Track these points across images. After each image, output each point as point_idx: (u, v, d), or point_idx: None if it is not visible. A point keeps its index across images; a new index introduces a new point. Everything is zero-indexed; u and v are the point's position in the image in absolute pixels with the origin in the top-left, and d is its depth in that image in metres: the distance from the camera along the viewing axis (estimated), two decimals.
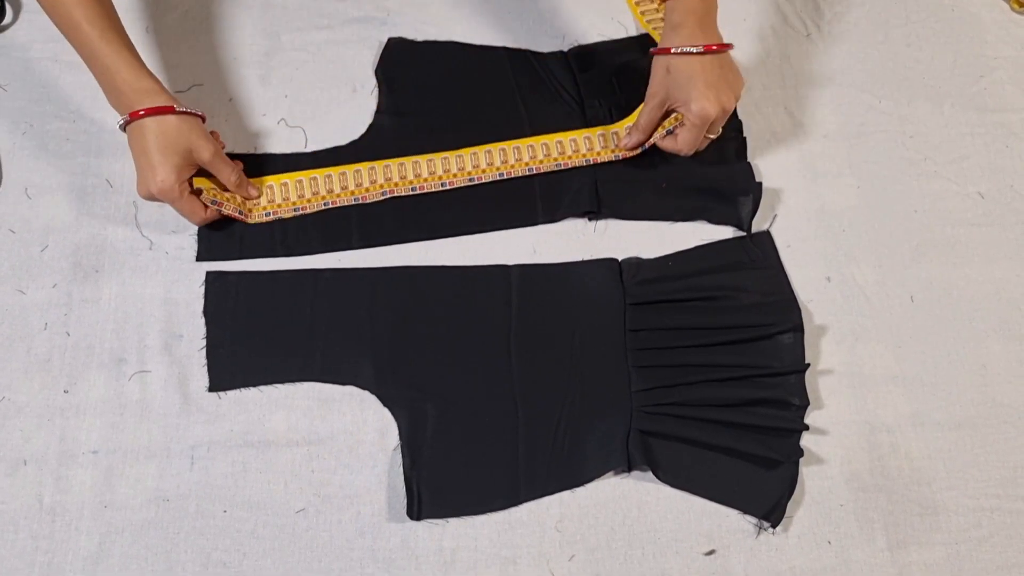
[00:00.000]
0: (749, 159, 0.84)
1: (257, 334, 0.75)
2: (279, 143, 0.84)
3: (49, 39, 0.85)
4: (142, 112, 0.71)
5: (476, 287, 0.77)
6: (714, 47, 0.74)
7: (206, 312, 0.75)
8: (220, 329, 0.75)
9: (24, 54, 0.87)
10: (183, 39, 0.89)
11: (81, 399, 0.72)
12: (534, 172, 0.82)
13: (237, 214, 0.78)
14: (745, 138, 0.85)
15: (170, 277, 0.77)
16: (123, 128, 0.73)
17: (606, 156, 0.83)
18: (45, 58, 0.86)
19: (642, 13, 0.91)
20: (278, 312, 0.76)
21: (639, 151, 0.82)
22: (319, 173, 0.81)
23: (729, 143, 0.85)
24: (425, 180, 0.81)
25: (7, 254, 0.77)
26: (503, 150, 0.83)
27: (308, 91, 0.86)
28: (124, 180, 0.81)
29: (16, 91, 0.85)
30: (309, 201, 0.80)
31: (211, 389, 0.72)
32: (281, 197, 0.80)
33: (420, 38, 0.90)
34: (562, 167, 0.82)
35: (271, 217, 0.79)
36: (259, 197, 0.79)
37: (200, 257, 0.78)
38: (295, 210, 0.80)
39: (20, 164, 0.81)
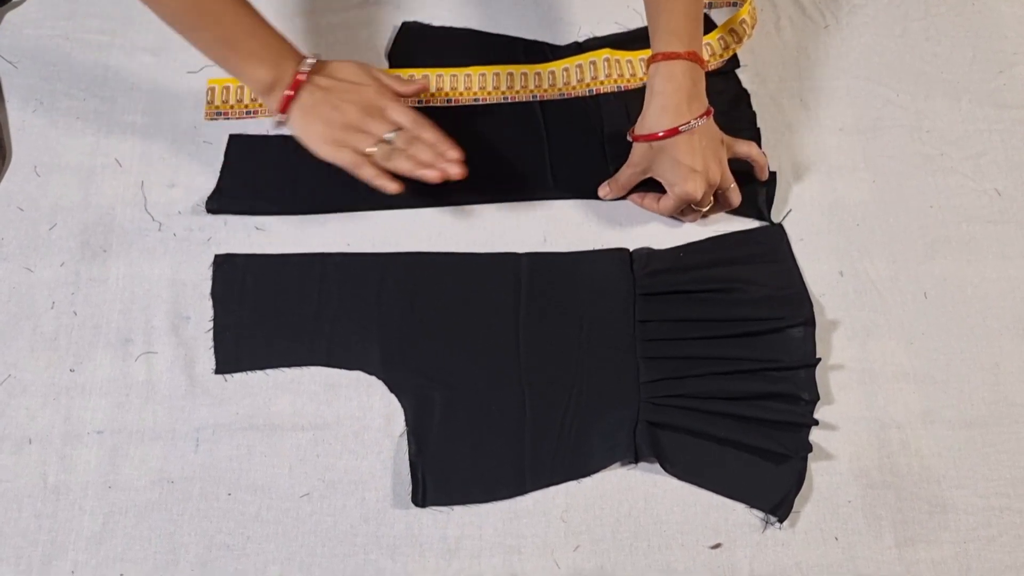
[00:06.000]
0: (763, 151, 0.83)
1: (264, 317, 0.74)
2: None
3: (60, 16, 0.84)
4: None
5: (486, 275, 0.77)
6: (699, 116, 0.72)
7: (214, 294, 0.75)
8: (227, 311, 0.74)
9: (36, 31, 0.86)
10: None
11: (87, 379, 0.72)
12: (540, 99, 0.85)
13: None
14: (759, 129, 0.85)
15: (178, 258, 0.76)
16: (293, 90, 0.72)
17: (610, 86, 0.85)
18: (56, 36, 0.86)
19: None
20: (286, 296, 0.75)
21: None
22: None
23: (743, 135, 0.84)
24: (461, 94, 0.84)
25: (15, 232, 0.77)
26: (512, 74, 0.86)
27: None
28: (133, 160, 0.80)
29: (27, 68, 0.85)
30: None
31: (217, 371, 0.72)
32: None
33: (434, 23, 0.90)
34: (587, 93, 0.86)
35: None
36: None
37: (210, 208, 0.78)
38: None
39: (29, 142, 0.81)
